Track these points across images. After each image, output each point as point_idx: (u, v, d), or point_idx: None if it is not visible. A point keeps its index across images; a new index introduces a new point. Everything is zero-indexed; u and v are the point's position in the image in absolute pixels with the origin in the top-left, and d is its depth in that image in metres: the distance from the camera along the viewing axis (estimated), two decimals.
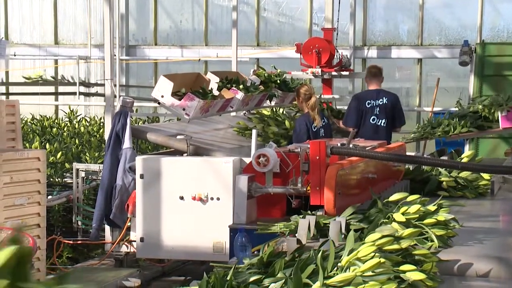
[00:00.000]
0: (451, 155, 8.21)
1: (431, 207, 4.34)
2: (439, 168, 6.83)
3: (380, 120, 9.17)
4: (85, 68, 15.80)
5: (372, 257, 3.27)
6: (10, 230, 3.04)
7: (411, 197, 4.60)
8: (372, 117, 9.14)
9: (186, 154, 7.39)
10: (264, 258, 3.60)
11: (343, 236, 4.27)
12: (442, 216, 4.28)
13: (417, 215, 4.28)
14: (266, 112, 9.67)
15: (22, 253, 1.77)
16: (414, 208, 4.28)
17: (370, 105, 9.16)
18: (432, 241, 4.01)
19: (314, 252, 3.47)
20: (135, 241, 7.27)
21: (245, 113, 9.78)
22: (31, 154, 5.33)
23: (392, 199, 4.66)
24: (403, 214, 4.26)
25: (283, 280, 3.14)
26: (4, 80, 16.32)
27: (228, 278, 3.18)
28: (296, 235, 4.47)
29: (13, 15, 16.59)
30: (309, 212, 4.81)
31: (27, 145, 9.64)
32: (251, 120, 9.44)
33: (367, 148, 6.10)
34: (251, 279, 3.23)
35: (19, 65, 16.38)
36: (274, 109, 9.82)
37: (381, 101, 9.26)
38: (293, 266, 3.22)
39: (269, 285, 3.16)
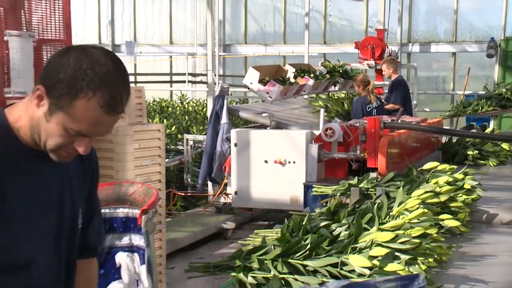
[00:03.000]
0: (476, 130, 8.06)
1: (459, 175, 4.16)
2: (466, 142, 6.63)
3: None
4: (192, 62, 15.94)
5: (417, 208, 3.22)
6: (139, 184, 3.10)
7: (442, 166, 4.43)
8: (411, 95, 9.20)
9: (269, 127, 7.41)
10: (331, 208, 3.58)
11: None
12: (468, 184, 4.09)
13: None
14: (323, 96, 9.66)
15: None
16: (443, 179, 4.10)
17: (408, 85, 9.14)
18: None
19: (371, 204, 3.44)
20: (230, 194, 7.37)
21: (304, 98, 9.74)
22: (153, 127, 5.41)
23: (426, 168, 4.51)
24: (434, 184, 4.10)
25: (347, 225, 3.12)
26: (133, 72, 16.64)
27: (303, 223, 3.18)
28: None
29: (139, 23, 16.87)
30: (357, 178, 4.65)
31: (150, 120, 9.83)
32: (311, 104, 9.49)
33: (412, 123, 6.01)
34: (321, 224, 3.22)
35: (144, 60, 16.68)
36: (330, 94, 9.77)
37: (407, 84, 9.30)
38: (355, 215, 3.20)
39: (335, 229, 3.15)
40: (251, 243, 3.16)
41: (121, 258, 3.02)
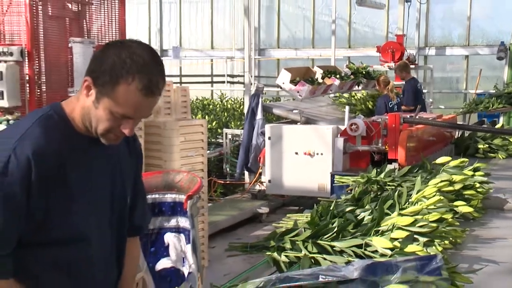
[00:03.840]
0: (487, 125, 7.89)
1: (468, 172, 3.93)
2: (477, 137, 6.46)
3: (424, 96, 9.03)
4: (230, 65, 15.96)
5: (434, 196, 3.16)
6: (185, 172, 3.11)
7: (454, 162, 4.22)
8: (423, 96, 8.96)
9: (299, 123, 7.38)
10: (356, 194, 3.52)
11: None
12: (479, 180, 3.86)
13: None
14: (345, 95, 9.56)
15: None
16: (454, 178, 3.88)
17: (420, 86, 8.94)
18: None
19: (392, 191, 3.38)
20: (265, 182, 7.35)
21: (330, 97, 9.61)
22: (197, 122, 5.44)
23: (438, 162, 4.32)
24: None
25: (370, 211, 3.07)
26: (179, 73, 16.73)
27: (331, 208, 3.14)
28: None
29: (184, 30, 16.94)
30: (375, 170, 4.50)
31: (193, 116, 9.87)
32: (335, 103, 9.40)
33: (429, 119, 5.92)
34: (347, 209, 3.16)
35: (188, 63, 16.76)
36: (352, 94, 9.66)
37: (420, 84, 9.04)
38: (377, 201, 3.14)
39: (360, 214, 3.10)
40: (284, 226, 3.14)
41: (169, 238, 3.04)
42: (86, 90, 1.65)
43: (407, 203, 3.15)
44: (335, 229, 2.76)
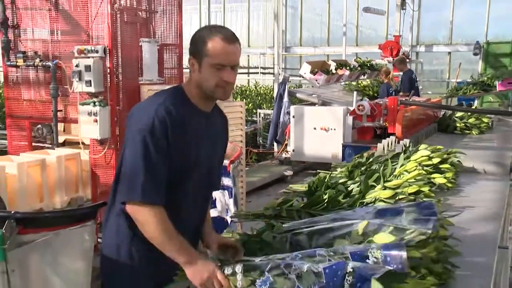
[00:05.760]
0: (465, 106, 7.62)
1: (444, 155, 3.48)
2: (455, 117, 6.18)
3: (417, 84, 8.68)
4: (263, 59, 15.77)
5: (415, 170, 2.94)
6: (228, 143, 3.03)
7: (430, 148, 3.82)
8: (417, 84, 8.62)
9: (317, 104, 7.25)
10: (349, 168, 3.26)
11: None
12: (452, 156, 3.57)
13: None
14: (353, 83, 9.32)
15: None
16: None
17: (415, 76, 8.62)
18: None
19: (378, 165, 3.17)
20: (290, 151, 7.28)
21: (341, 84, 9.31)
22: (237, 104, 5.38)
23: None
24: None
25: (359, 183, 2.84)
26: None
27: (326, 180, 2.92)
28: None
29: None
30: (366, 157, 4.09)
31: (234, 99, 9.81)
32: (346, 89, 9.18)
33: (420, 101, 5.72)
34: (340, 181, 2.92)
35: None
36: (358, 82, 9.39)
37: (414, 75, 8.71)
38: (365, 174, 2.93)
39: (350, 186, 2.86)
40: (284, 196, 2.94)
41: (216, 193, 3.00)
42: (192, 66, 1.73)
43: (392, 175, 2.94)
44: (326, 200, 2.49)
